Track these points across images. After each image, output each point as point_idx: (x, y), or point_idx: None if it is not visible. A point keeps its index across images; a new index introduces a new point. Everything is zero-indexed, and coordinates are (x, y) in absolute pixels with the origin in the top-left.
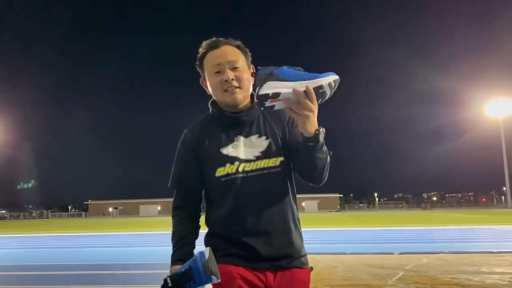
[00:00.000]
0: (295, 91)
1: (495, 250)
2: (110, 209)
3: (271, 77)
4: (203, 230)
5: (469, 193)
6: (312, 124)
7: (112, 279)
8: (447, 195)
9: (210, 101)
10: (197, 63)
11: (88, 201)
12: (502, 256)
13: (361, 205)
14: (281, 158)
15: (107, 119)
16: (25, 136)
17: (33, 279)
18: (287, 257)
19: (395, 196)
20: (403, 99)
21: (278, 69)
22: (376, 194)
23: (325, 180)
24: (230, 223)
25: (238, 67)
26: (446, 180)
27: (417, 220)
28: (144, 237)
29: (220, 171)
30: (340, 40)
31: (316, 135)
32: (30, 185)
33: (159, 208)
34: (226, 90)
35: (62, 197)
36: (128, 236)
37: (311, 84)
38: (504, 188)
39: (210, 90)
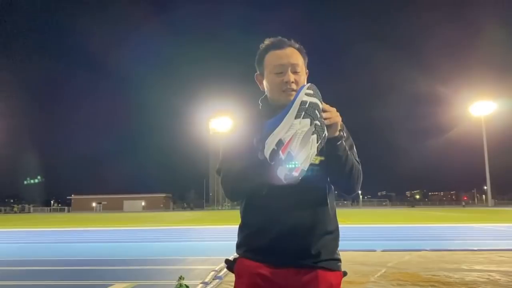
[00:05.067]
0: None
1: (475, 248)
2: (94, 204)
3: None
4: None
5: (451, 192)
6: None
7: (95, 275)
8: (430, 193)
9: (261, 97)
10: (256, 58)
11: (71, 195)
12: (482, 254)
13: (345, 202)
14: (321, 158)
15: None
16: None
17: (13, 274)
18: (314, 257)
19: (379, 194)
20: (387, 99)
21: (266, 129)
22: (360, 192)
23: (357, 190)
24: (259, 217)
25: (298, 71)
26: (429, 178)
27: (400, 218)
28: (128, 233)
29: None
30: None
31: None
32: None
33: (143, 203)
34: (284, 91)
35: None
36: (112, 232)
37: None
38: (485, 187)
39: (265, 87)
